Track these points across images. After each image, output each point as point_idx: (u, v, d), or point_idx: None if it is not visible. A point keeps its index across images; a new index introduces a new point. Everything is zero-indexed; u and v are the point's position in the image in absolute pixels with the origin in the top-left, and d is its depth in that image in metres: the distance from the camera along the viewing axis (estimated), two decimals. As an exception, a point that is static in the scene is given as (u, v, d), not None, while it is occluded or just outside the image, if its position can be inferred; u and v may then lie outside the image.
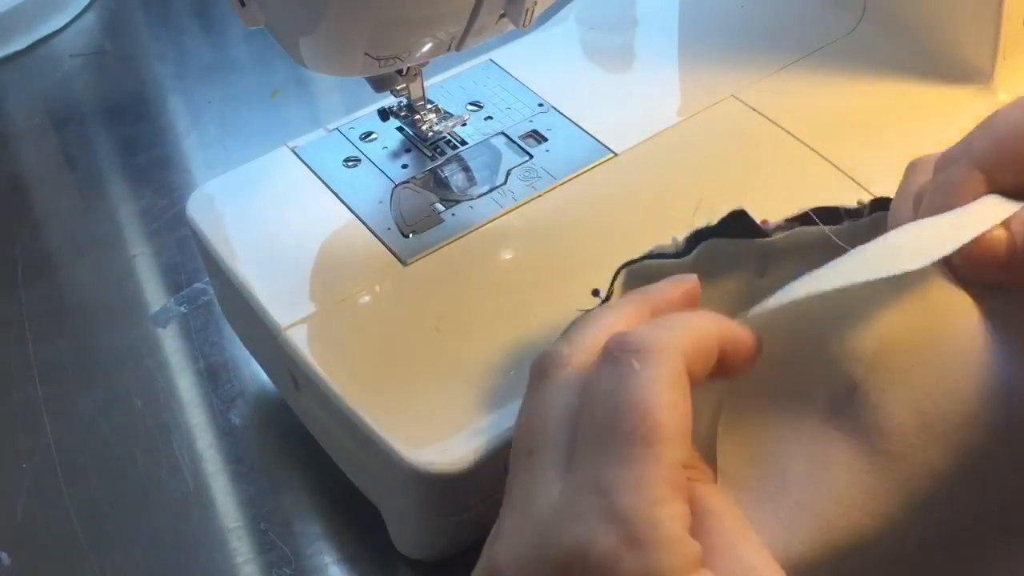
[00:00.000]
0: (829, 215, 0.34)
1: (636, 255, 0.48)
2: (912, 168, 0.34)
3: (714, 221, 0.36)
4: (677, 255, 0.37)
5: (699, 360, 0.27)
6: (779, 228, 0.35)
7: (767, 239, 0.34)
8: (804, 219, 0.34)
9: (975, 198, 0.31)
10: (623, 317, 0.30)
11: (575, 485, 0.26)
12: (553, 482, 0.27)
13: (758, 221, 0.35)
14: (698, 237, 0.36)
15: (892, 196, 0.35)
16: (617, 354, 0.27)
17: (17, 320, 0.60)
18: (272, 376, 0.52)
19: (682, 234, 0.36)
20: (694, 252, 0.37)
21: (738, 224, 0.34)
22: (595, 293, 0.43)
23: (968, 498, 0.28)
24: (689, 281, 0.31)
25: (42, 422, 0.54)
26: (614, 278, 0.39)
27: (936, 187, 0.32)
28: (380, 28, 0.42)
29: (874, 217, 0.35)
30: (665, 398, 0.26)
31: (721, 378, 0.29)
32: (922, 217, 0.32)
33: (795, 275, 0.29)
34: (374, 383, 0.43)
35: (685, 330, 0.28)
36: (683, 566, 0.24)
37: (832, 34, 0.58)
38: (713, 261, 0.37)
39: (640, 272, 0.38)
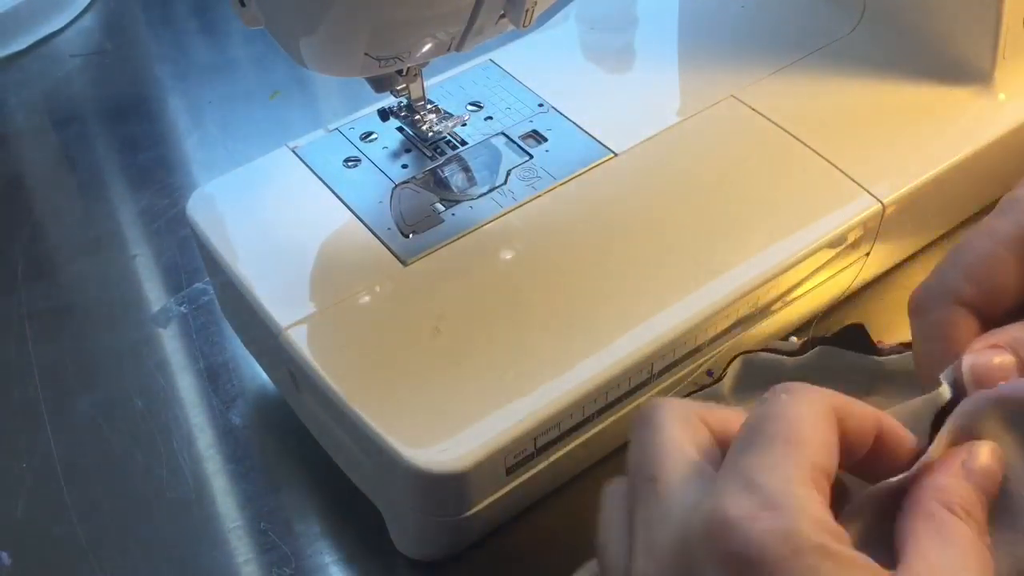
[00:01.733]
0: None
1: (636, 255, 0.48)
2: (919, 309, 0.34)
3: (833, 330, 0.37)
4: (791, 354, 0.38)
5: (854, 424, 0.28)
6: (893, 350, 0.36)
7: (880, 358, 0.35)
8: None
9: (972, 336, 0.30)
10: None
11: (718, 477, 0.27)
12: (687, 494, 0.27)
13: (874, 340, 0.36)
14: (814, 342, 0.37)
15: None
16: (770, 394, 0.28)
17: (17, 320, 0.60)
18: (272, 376, 0.52)
19: (800, 336, 0.37)
20: (807, 354, 0.38)
21: (855, 337, 0.35)
22: (709, 373, 0.44)
23: None
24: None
25: (42, 422, 0.54)
26: (729, 363, 0.40)
27: (926, 334, 0.32)
28: (380, 28, 0.42)
29: None
30: (810, 417, 0.27)
31: (882, 471, 0.29)
32: (923, 364, 0.32)
33: (902, 399, 0.30)
34: (374, 383, 0.43)
35: (840, 395, 0.28)
36: (818, 531, 0.24)
37: (832, 34, 0.59)
38: (825, 369, 0.38)
39: (754, 363, 0.40)
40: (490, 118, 0.54)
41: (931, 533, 0.26)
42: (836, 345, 0.37)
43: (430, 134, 0.52)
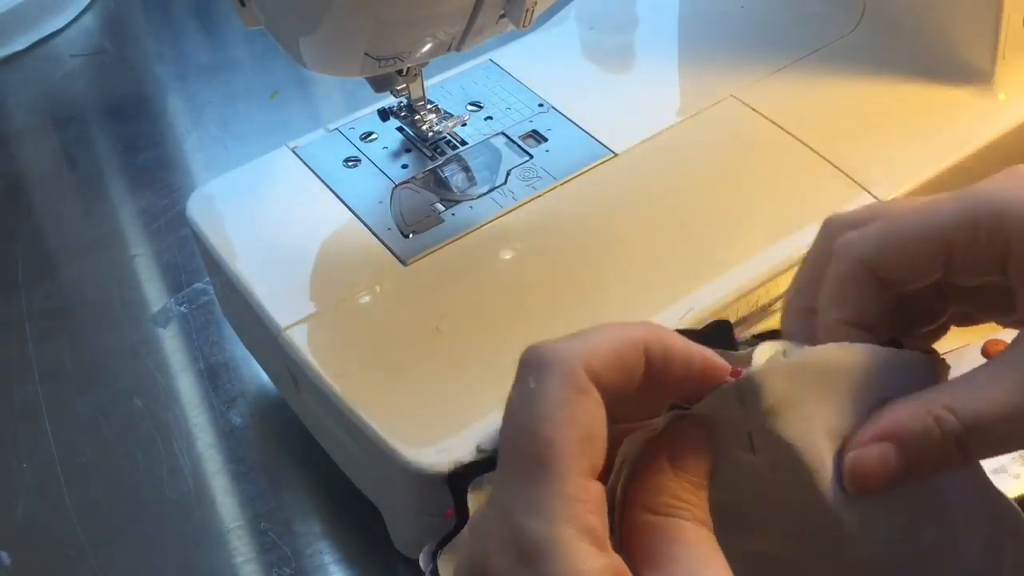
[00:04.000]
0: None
1: (636, 255, 0.48)
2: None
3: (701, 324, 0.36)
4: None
5: (613, 367, 0.27)
6: (747, 343, 0.35)
7: (735, 352, 0.34)
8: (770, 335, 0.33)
9: (862, 293, 0.30)
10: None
11: (488, 505, 0.26)
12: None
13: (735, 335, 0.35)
14: (687, 333, 0.37)
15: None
16: (520, 372, 0.27)
17: (17, 320, 0.60)
18: (272, 376, 0.52)
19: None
20: None
21: (719, 333, 0.35)
22: None
23: None
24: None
25: (42, 422, 0.54)
26: None
27: (813, 258, 0.32)
28: (380, 28, 0.42)
29: None
30: (557, 414, 0.26)
31: (661, 389, 0.28)
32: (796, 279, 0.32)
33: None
34: (374, 383, 0.43)
35: (595, 338, 0.27)
36: None
37: (832, 34, 0.58)
38: None
39: None
40: (490, 118, 0.54)
41: (654, 549, 0.26)
42: (701, 341, 0.36)
43: (430, 134, 0.52)
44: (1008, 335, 0.31)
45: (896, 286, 0.30)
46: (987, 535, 0.30)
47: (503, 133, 0.54)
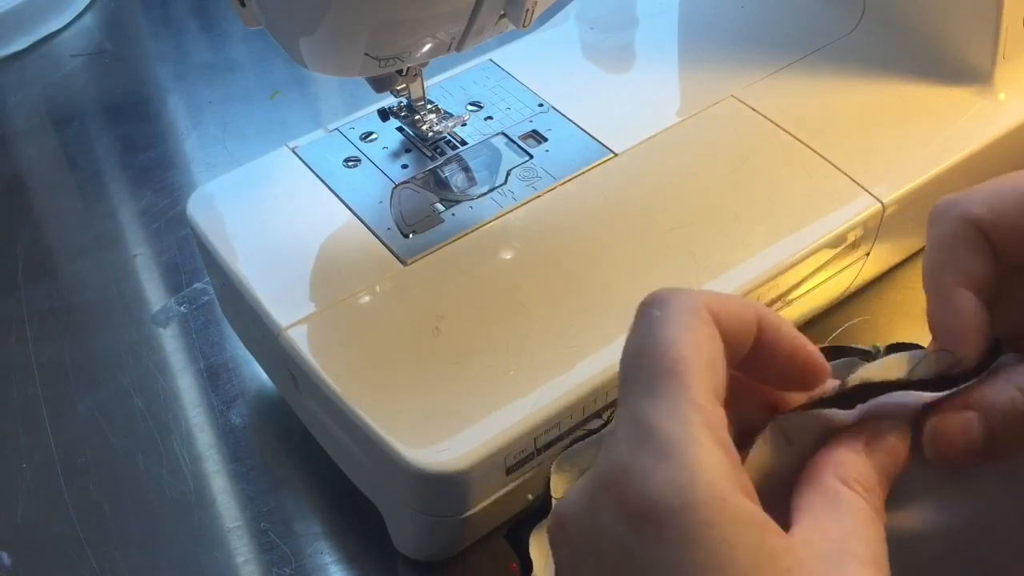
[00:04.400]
0: (837, 353, 0.33)
1: (636, 255, 0.48)
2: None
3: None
4: None
5: (732, 321, 0.27)
6: (882, 350, 0.34)
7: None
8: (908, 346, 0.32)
9: (973, 253, 0.29)
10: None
11: (617, 421, 0.27)
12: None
13: None
14: None
15: (905, 340, 0.32)
16: (641, 309, 0.28)
17: (17, 320, 0.60)
18: (272, 376, 0.52)
19: None
20: None
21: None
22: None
23: None
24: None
25: (42, 422, 0.54)
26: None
27: (933, 244, 0.31)
28: (380, 28, 0.42)
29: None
30: (684, 335, 0.26)
31: (765, 368, 0.29)
32: (926, 271, 0.30)
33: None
34: (374, 383, 0.43)
35: (715, 293, 0.28)
36: (715, 482, 0.24)
37: (832, 34, 0.59)
38: None
39: None
40: (490, 118, 0.54)
41: (826, 505, 0.26)
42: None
43: (430, 134, 0.52)
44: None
45: (1006, 255, 0.29)
46: None
47: (503, 133, 0.54)
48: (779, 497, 0.28)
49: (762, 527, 0.24)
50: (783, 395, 0.30)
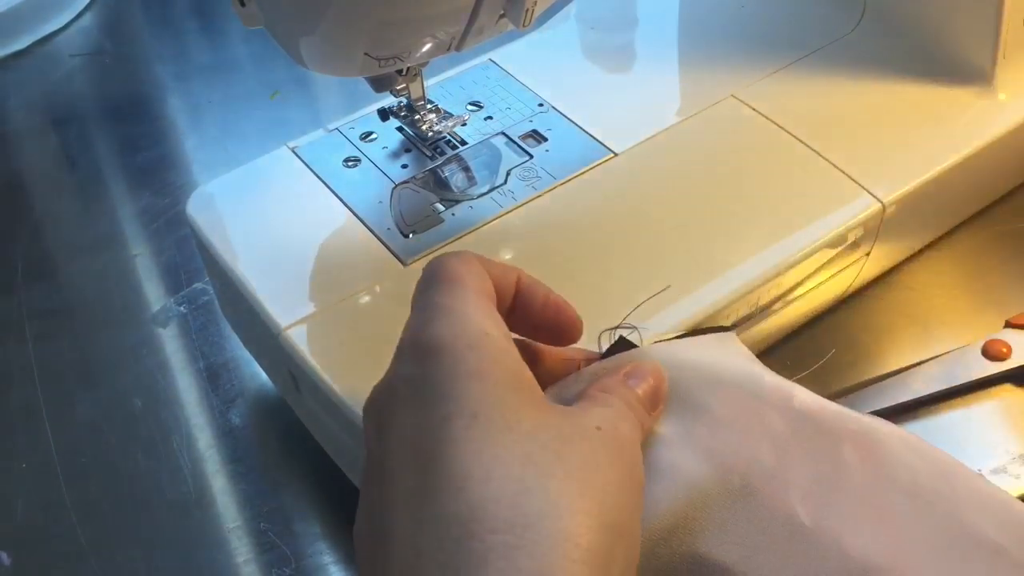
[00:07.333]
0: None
1: (636, 255, 0.48)
2: None
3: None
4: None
5: (496, 269, 0.35)
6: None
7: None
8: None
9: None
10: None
11: (413, 307, 0.34)
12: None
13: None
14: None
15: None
16: (433, 259, 0.35)
17: (17, 320, 0.60)
18: (272, 376, 0.52)
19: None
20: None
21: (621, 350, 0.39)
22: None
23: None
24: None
25: (42, 422, 0.54)
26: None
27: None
28: (380, 28, 0.42)
29: None
30: (466, 266, 0.34)
31: (527, 319, 0.37)
32: None
33: None
34: (374, 383, 0.43)
35: (482, 256, 0.36)
36: (481, 320, 0.32)
37: (832, 34, 0.59)
38: None
39: None
40: (490, 118, 0.54)
41: (594, 402, 0.33)
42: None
43: (430, 134, 0.52)
44: (1007, 335, 0.31)
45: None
46: None
47: (503, 133, 0.54)
48: None
49: (517, 355, 0.32)
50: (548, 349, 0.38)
